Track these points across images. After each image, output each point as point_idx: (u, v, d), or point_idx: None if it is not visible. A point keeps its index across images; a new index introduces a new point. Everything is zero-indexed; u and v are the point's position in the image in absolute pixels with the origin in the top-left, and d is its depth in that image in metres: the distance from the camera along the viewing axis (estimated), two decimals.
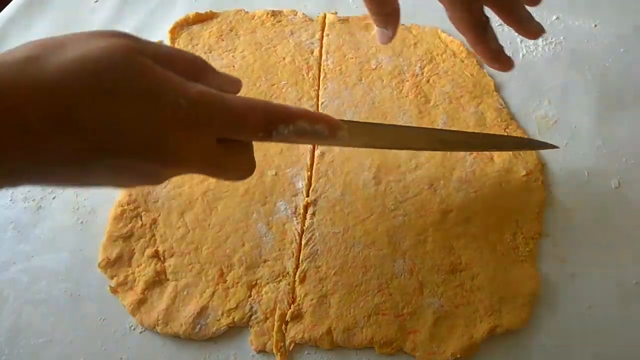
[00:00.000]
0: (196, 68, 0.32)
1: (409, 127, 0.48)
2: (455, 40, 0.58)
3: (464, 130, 0.50)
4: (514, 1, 0.41)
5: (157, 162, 0.29)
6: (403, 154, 0.49)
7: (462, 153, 0.48)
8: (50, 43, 0.27)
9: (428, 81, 0.55)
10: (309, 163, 0.48)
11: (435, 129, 0.49)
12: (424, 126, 0.50)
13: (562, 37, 0.56)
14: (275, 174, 0.48)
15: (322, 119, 0.32)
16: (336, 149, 0.49)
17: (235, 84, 0.35)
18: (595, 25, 0.57)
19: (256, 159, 0.47)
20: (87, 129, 0.26)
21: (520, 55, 0.55)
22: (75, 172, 0.28)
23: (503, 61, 0.43)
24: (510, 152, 0.48)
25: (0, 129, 0.24)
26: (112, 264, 0.43)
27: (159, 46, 0.30)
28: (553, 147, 0.46)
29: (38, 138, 0.25)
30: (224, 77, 0.34)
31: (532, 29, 0.42)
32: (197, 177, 0.47)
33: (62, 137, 0.25)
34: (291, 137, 0.31)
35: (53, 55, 0.26)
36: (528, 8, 0.42)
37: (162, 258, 0.43)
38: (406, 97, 0.53)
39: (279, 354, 0.39)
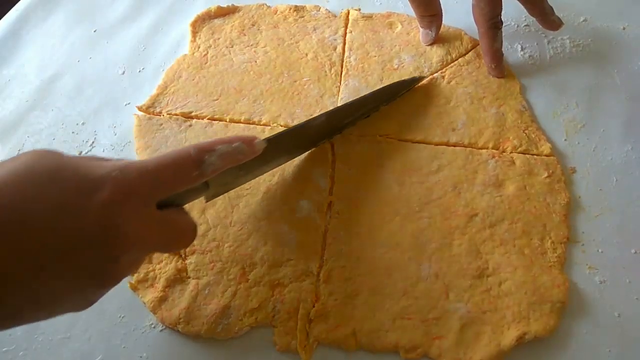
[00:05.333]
0: None
1: (316, 117, 0.46)
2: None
3: (483, 130, 0.49)
4: None
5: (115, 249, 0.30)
6: (424, 155, 0.48)
7: (484, 156, 0.48)
8: None
9: (449, 82, 0.54)
10: (330, 161, 0.48)
11: (337, 108, 0.49)
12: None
13: (590, 39, 0.55)
14: (297, 172, 0.47)
15: (236, 138, 0.36)
16: (356, 147, 0.48)
17: None
18: (624, 28, 0.56)
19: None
20: None
21: (548, 56, 0.54)
22: None
23: (499, 63, 0.53)
24: (527, 155, 0.48)
25: None
26: None
27: None
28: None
29: None
30: None
31: (553, 21, 0.53)
32: None
33: None
34: (218, 162, 0.34)
35: None
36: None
37: (183, 255, 0.42)
38: (426, 97, 0.52)
39: (303, 352, 0.38)
